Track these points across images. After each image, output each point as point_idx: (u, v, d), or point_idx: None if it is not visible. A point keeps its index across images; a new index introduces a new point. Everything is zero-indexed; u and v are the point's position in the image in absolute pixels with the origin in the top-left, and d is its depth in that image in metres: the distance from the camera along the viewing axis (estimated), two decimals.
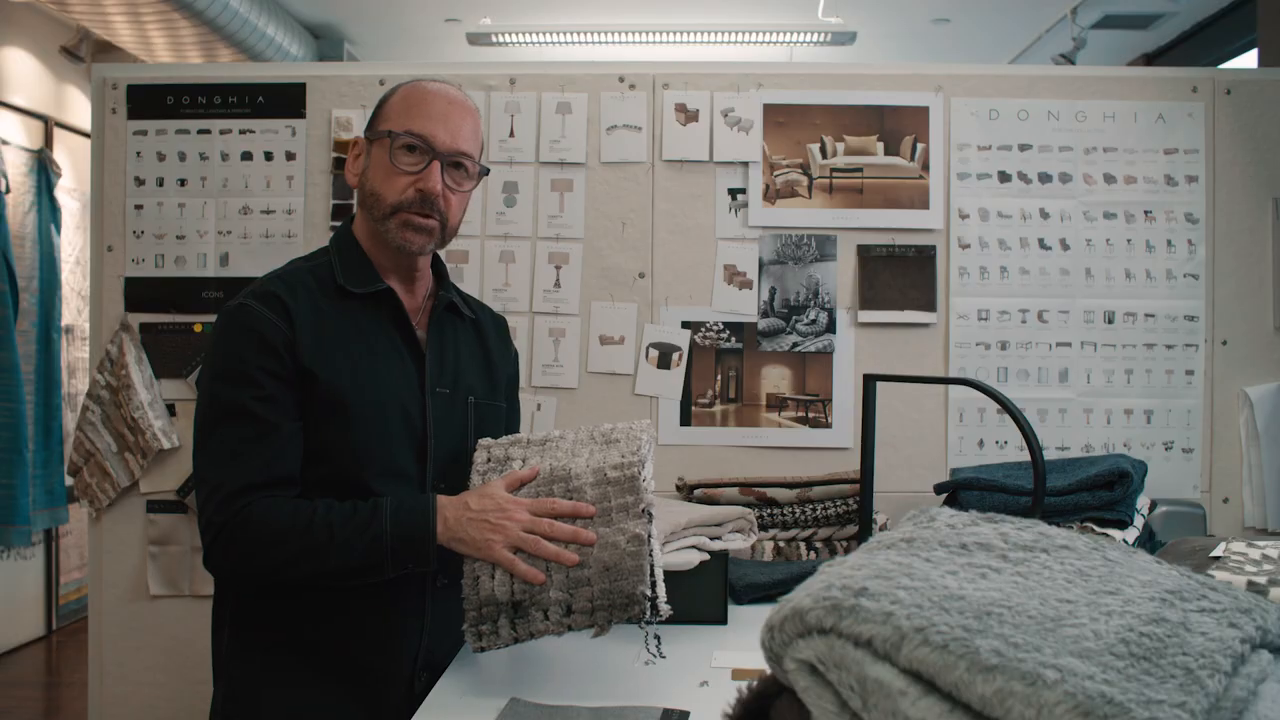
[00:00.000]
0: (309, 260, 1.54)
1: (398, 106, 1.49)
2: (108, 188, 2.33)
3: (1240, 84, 2.32)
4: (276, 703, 1.43)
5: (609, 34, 5.05)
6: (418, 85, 1.51)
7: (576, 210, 2.30)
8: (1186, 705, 0.56)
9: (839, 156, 2.30)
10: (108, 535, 2.31)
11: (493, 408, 1.59)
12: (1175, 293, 2.29)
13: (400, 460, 1.45)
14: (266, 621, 1.44)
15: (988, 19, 4.98)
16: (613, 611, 1.27)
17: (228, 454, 1.37)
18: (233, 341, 1.41)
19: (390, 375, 1.47)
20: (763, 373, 2.30)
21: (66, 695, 3.96)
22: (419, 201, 1.46)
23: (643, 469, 1.34)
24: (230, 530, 1.34)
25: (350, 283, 1.48)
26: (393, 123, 1.48)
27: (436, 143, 1.46)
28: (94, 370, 2.31)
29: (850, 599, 0.65)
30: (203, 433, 1.40)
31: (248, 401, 1.37)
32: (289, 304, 1.42)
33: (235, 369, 1.39)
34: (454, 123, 1.48)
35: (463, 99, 1.52)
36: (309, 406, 1.41)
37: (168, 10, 3.87)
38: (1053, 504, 1.88)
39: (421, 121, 1.46)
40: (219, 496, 1.35)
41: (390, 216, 1.47)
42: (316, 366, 1.41)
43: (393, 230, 1.47)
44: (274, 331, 1.40)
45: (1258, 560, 1.21)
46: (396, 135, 1.46)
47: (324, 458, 1.42)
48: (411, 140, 1.46)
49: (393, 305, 1.50)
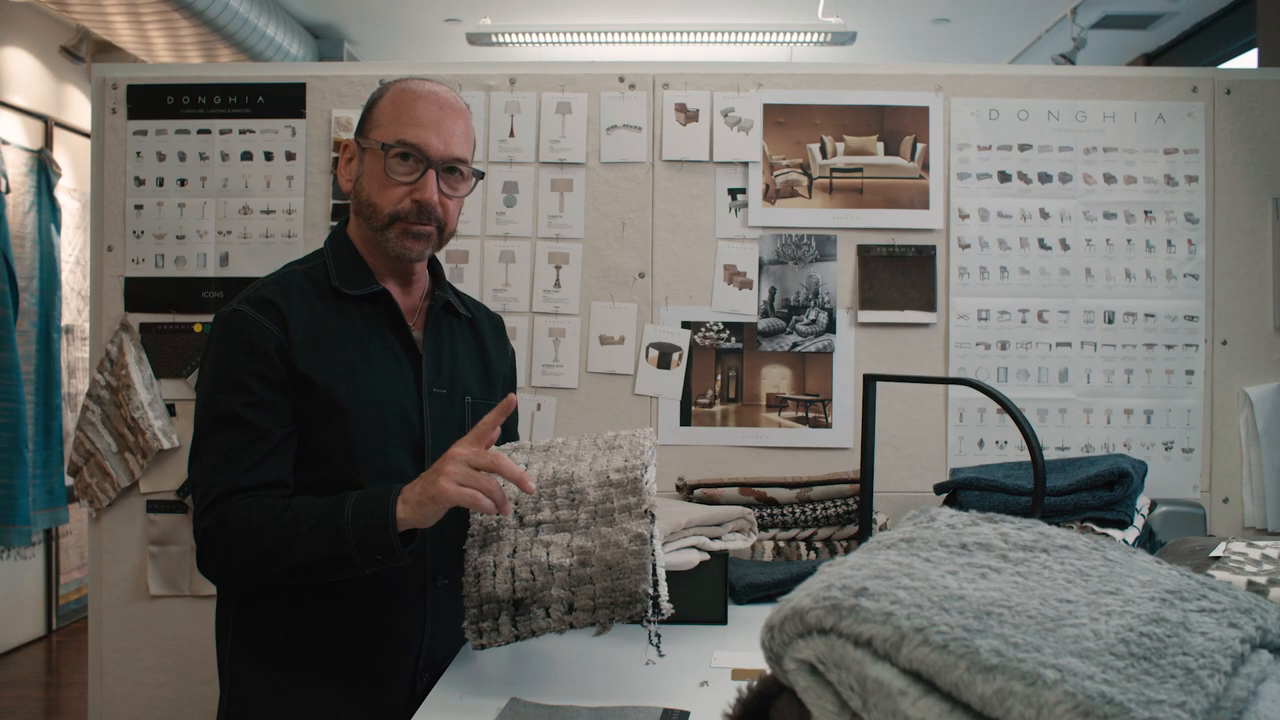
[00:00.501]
0: (304, 263, 1.54)
1: (388, 112, 1.47)
2: (108, 188, 2.33)
3: (1240, 84, 2.32)
4: (281, 706, 1.43)
5: (609, 34, 5.05)
6: (407, 88, 1.49)
7: (576, 210, 2.30)
8: (1186, 705, 0.56)
9: (839, 156, 2.30)
10: (108, 535, 2.31)
11: (490, 407, 1.58)
12: (1175, 293, 2.29)
13: (398, 462, 1.45)
14: (269, 625, 1.44)
15: (988, 19, 4.98)
16: (615, 609, 1.27)
17: (218, 460, 1.37)
18: (225, 347, 1.41)
19: (387, 377, 1.46)
20: (763, 373, 2.30)
21: (66, 695, 3.96)
22: (415, 212, 1.46)
23: (645, 472, 1.34)
24: (214, 531, 1.35)
25: (345, 285, 1.48)
26: (384, 131, 1.46)
27: (430, 151, 1.45)
28: (94, 370, 2.31)
29: (850, 599, 0.65)
30: (197, 440, 1.41)
31: (238, 408, 1.37)
32: (283, 308, 1.42)
33: (227, 375, 1.39)
34: (446, 128, 1.47)
35: (453, 100, 1.50)
36: (305, 410, 1.41)
37: (168, 10, 3.88)
38: (1053, 504, 1.88)
39: (413, 129, 1.45)
40: (207, 501, 1.36)
41: (388, 227, 1.46)
42: (312, 370, 1.41)
43: (392, 240, 1.47)
44: (266, 337, 1.40)
45: (1258, 560, 1.21)
46: (389, 146, 1.45)
47: (321, 461, 1.42)
48: (405, 150, 1.45)
49: (388, 306, 1.50)
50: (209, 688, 2.27)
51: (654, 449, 1.42)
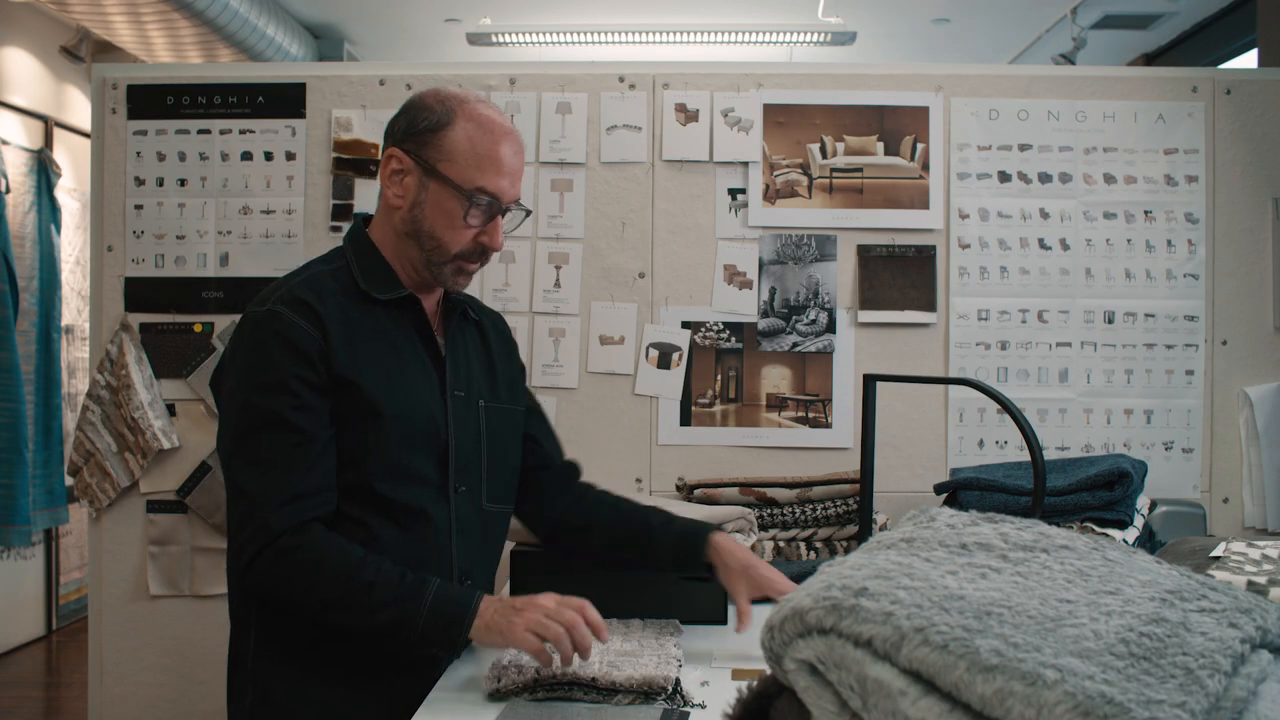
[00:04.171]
0: (327, 263, 1.51)
1: (465, 149, 1.44)
2: (108, 188, 2.33)
3: (1240, 84, 2.32)
4: (308, 703, 1.42)
5: (609, 34, 5.05)
6: (485, 120, 1.45)
7: (576, 210, 2.30)
8: (1186, 705, 0.56)
9: (839, 156, 2.30)
10: (108, 535, 2.31)
11: (498, 410, 1.59)
12: (1175, 293, 2.29)
13: (425, 467, 1.45)
14: (295, 622, 1.42)
15: (988, 19, 4.98)
16: (635, 697, 1.29)
17: (268, 464, 1.35)
18: (265, 348, 1.38)
19: (417, 381, 1.46)
20: (763, 373, 2.30)
21: (66, 695, 3.96)
22: (479, 253, 1.48)
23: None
24: (277, 550, 1.33)
25: (374, 289, 1.46)
26: (462, 171, 1.43)
27: (504, 197, 1.46)
28: (94, 370, 2.31)
29: (850, 599, 0.65)
30: (237, 443, 1.38)
31: (286, 411, 1.36)
32: (319, 310, 1.40)
33: (270, 378, 1.37)
34: (519, 172, 1.48)
35: (518, 136, 1.50)
36: (342, 413, 1.40)
37: (168, 10, 3.87)
38: (1053, 504, 1.88)
39: (494, 178, 1.44)
40: (265, 509, 1.34)
41: (447, 263, 1.47)
42: (354, 375, 1.40)
43: (448, 274, 1.48)
44: (307, 340, 1.38)
45: (1258, 560, 1.21)
46: (471, 194, 1.43)
47: (349, 464, 1.41)
48: (487, 199, 1.45)
49: (415, 311, 1.50)
50: (209, 688, 2.27)
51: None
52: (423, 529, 1.44)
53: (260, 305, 1.42)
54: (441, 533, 1.46)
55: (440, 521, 1.46)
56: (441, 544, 1.46)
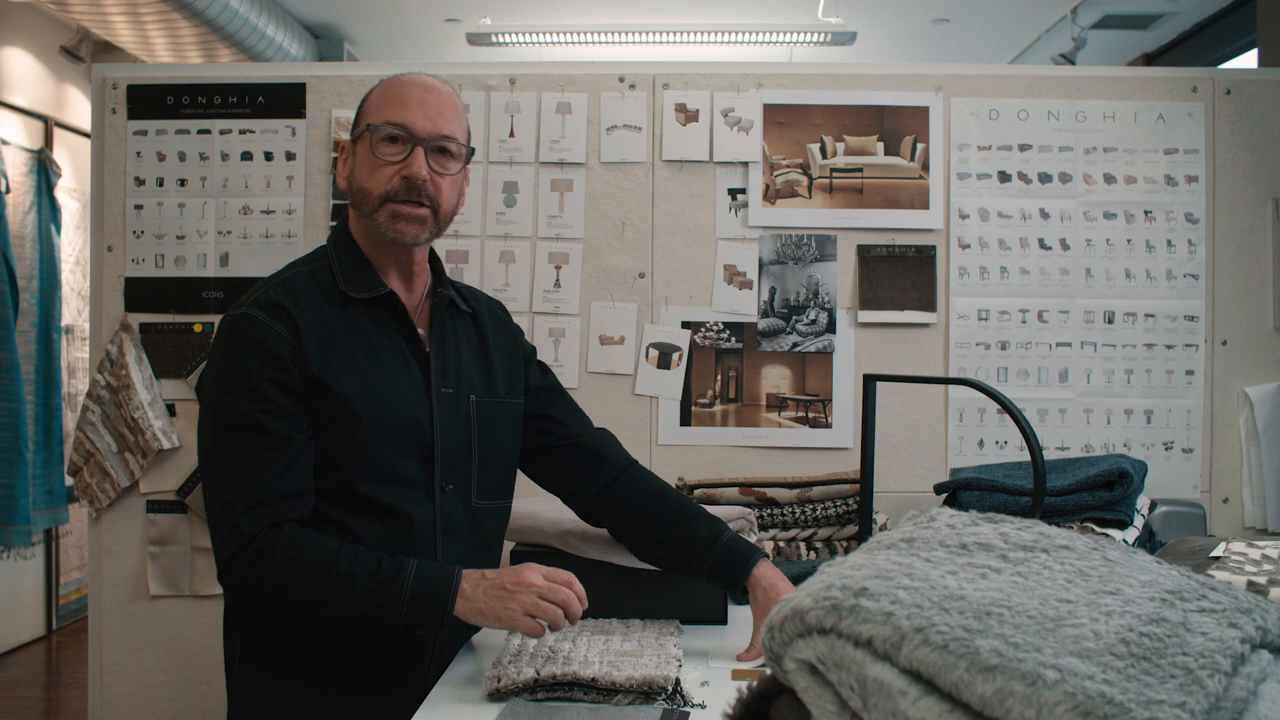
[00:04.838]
0: (308, 264, 1.51)
1: (375, 101, 1.48)
2: (108, 188, 2.33)
3: (1240, 84, 2.32)
4: (292, 709, 1.42)
5: (609, 34, 5.05)
6: (394, 79, 1.50)
7: (576, 210, 2.31)
8: (1186, 705, 0.56)
9: (839, 156, 2.30)
10: (108, 535, 2.31)
11: (492, 405, 1.57)
12: (1175, 293, 2.29)
13: (408, 467, 1.44)
14: (280, 628, 1.42)
15: (988, 19, 4.98)
16: (635, 697, 1.29)
17: (239, 468, 1.36)
18: (237, 352, 1.39)
19: (397, 381, 1.45)
20: (763, 373, 2.30)
21: (66, 695, 3.96)
22: (405, 189, 1.44)
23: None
24: (251, 553, 1.33)
25: (352, 288, 1.46)
26: (371, 116, 1.47)
27: (416, 129, 1.45)
28: (94, 370, 2.31)
29: (850, 599, 0.65)
30: (211, 446, 1.39)
31: (257, 414, 1.36)
32: (293, 313, 1.40)
33: (241, 381, 1.37)
34: (432, 107, 1.47)
35: (439, 85, 1.51)
36: (317, 416, 1.40)
37: (168, 10, 3.88)
38: (1053, 504, 1.88)
39: (399, 110, 1.45)
40: (236, 512, 1.34)
41: (379, 209, 1.45)
42: (328, 377, 1.39)
43: (384, 222, 1.45)
44: (279, 342, 1.38)
45: (1258, 560, 1.21)
46: (376, 127, 1.45)
47: (331, 466, 1.41)
48: (392, 130, 1.44)
49: (395, 308, 1.49)
50: (209, 688, 2.28)
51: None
52: (406, 529, 1.43)
53: (236, 309, 1.43)
54: (426, 532, 1.45)
55: (424, 521, 1.45)
56: (426, 543, 1.45)
